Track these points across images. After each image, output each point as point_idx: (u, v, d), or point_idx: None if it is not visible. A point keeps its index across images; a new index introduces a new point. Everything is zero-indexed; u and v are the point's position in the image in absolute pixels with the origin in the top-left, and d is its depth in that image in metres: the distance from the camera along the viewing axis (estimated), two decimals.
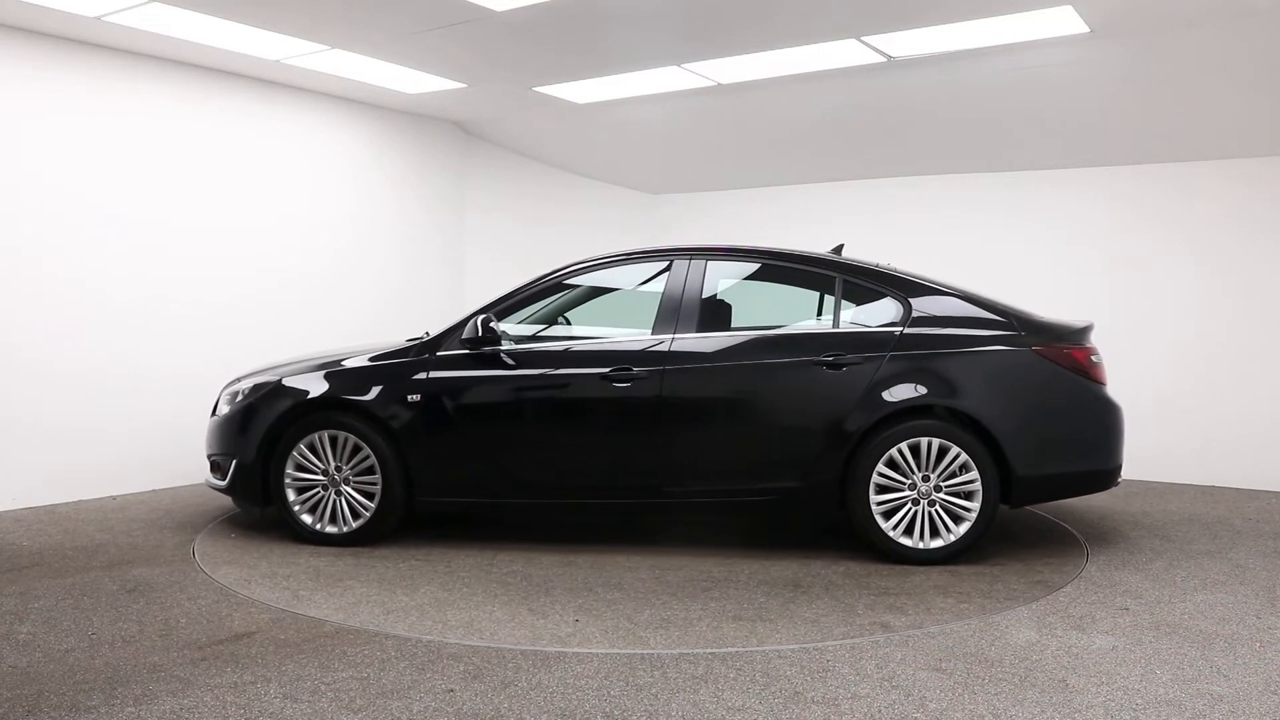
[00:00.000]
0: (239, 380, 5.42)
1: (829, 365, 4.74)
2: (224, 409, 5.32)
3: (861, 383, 4.71)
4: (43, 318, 5.85)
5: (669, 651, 3.50)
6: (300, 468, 5.06)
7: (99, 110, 6.07)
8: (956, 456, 4.64)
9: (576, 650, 3.51)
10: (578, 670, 3.31)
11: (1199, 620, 3.88)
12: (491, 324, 4.98)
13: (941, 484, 4.68)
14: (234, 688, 3.14)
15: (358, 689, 3.14)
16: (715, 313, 5.09)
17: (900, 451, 4.67)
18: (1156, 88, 6.11)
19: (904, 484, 4.68)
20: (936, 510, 4.68)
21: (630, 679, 3.23)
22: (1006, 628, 3.77)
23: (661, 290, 5.02)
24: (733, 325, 5.14)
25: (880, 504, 4.69)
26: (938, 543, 4.67)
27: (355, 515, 5.03)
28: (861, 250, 5.49)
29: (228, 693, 3.10)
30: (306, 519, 5.07)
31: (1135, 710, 3.00)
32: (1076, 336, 4.83)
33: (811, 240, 5.86)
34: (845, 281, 4.97)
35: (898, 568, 4.62)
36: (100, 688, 3.14)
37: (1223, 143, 6.77)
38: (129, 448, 6.27)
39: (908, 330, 4.78)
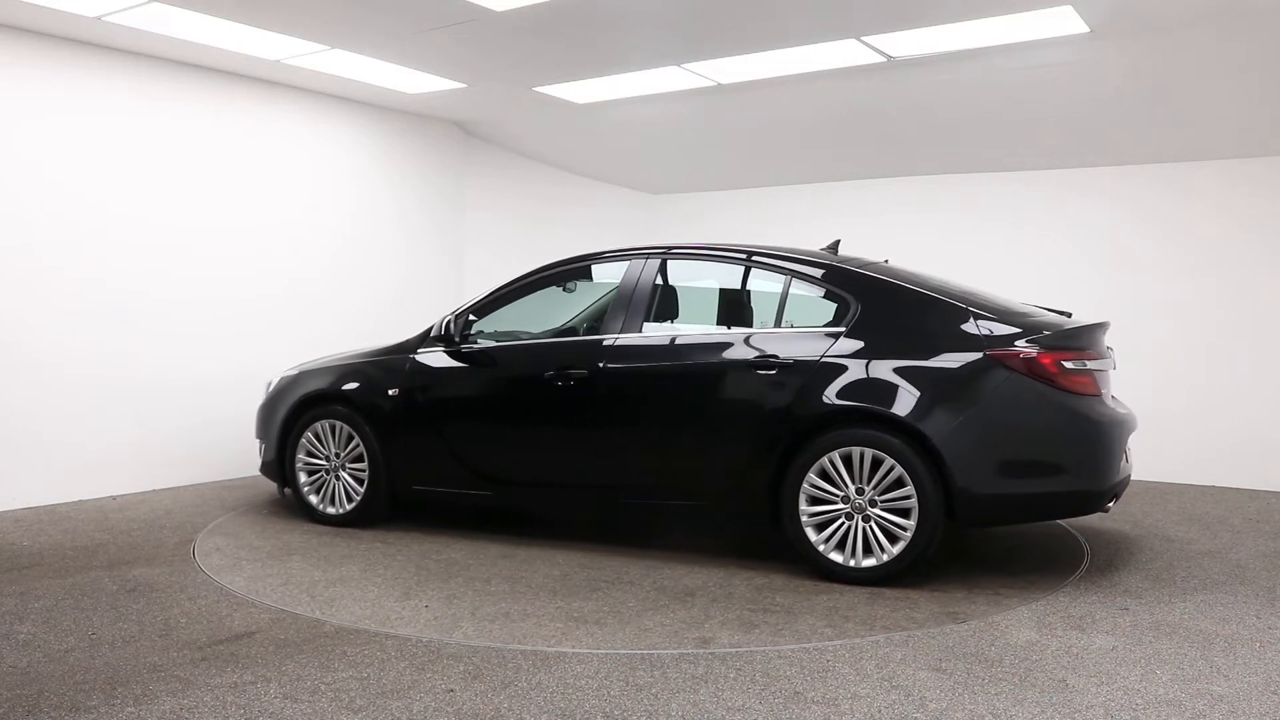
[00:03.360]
0: (281, 372, 6.00)
1: (760, 368, 4.50)
2: (263, 398, 5.94)
3: (792, 387, 4.42)
4: (42, 317, 5.85)
5: (669, 651, 3.50)
6: (309, 453, 5.58)
7: (99, 110, 6.07)
8: (891, 469, 4.23)
9: (576, 650, 3.51)
10: (578, 670, 3.32)
11: (1199, 620, 3.88)
12: (451, 324, 5.26)
13: (877, 498, 4.28)
14: (234, 688, 3.14)
15: (358, 689, 3.14)
16: (661, 313, 5.02)
17: (832, 461, 4.32)
18: (1156, 88, 6.11)
19: (836, 496, 4.34)
20: (871, 527, 4.30)
21: (630, 679, 3.24)
22: (1006, 628, 3.77)
23: (615, 291, 5.04)
24: (676, 326, 5.04)
25: (813, 516, 4.37)
26: (870, 561, 4.29)
27: (350, 499, 5.46)
28: (861, 250, 5.47)
29: (228, 693, 3.10)
30: (313, 499, 5.57)
31: (1135, 710, 3.00)
32: (1050, 340, 4.26)
33: (811, 240, 5.85)
34: (795, 279, 4.71)
35: (819, 586, 4.30)
36: (100, 688, 3.14)
37: (1222, 143, 6.77)
38: (129, 448, 6.27)
39: (850, 331, 4.44)
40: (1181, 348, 7.04)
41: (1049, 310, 4.88)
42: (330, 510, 5.50)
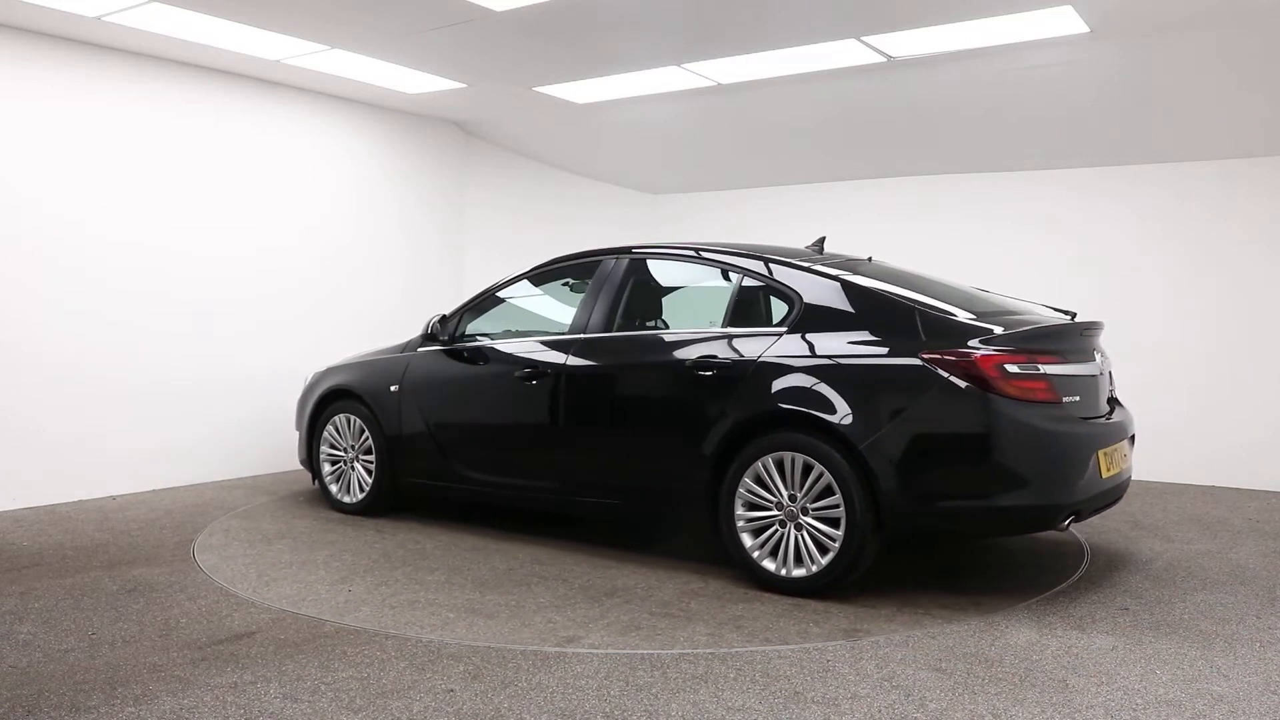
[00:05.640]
0: (315, 368, 6.35)
1: (701, 369, 4.42)
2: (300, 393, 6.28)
3: (730, 389, 4.32)
4: (43, 318, 5.85)
5: (669, 651, 3.50)
6: (331, 445, 5.91)
7: (99, 110, 6.06)
8: (820, 476, 4.06)
9: (576, 650, 3.51)
10: (578, 670, 3.32)
11: (1199, 620, 3.88)
12: (437, 325, 5.50)
13: (809, 506, 4.11)
14: (234, 688, 3.14)
15: (358, 689, 3.14)
16: (626, 313, 5.00)
17: (765, 466, 4.20)
18: (1156, 88, 6.11)
19: (770, 502, 4.21)
20: (803, 535, 4.14)
21: (630, 679, 3.24)
22: (1006, 628, 3.77)
23: (586, 291, 5.08)
24: (634, 326, 5.00)
25: (750, 522, 4.26)
26: (800, 572, 4.12)
27: (362, 489, 5.77)
28: (861, 250, 5.47)
29: (228, 693, 3.10)
30: (333, 488, 5.89)
31: (1135, 710, 3.00)
32: (998, 342, 3.96)
33: (809, 240, 5.84)
34: (747, 277, 4.60)
35: (749, 594, 4.18)
36: (100, 688, 3.14)
37: (1222, 143, 6.77)
38: (128, 448, 6.27)
39: (791, 330, 4.30)
40: (1181, 348, 7.04)
41: (1056, 310, 4.82)
42: (346, 499, 5.82)
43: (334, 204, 7.42)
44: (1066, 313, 4.75)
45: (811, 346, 4.23)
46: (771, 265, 4.58)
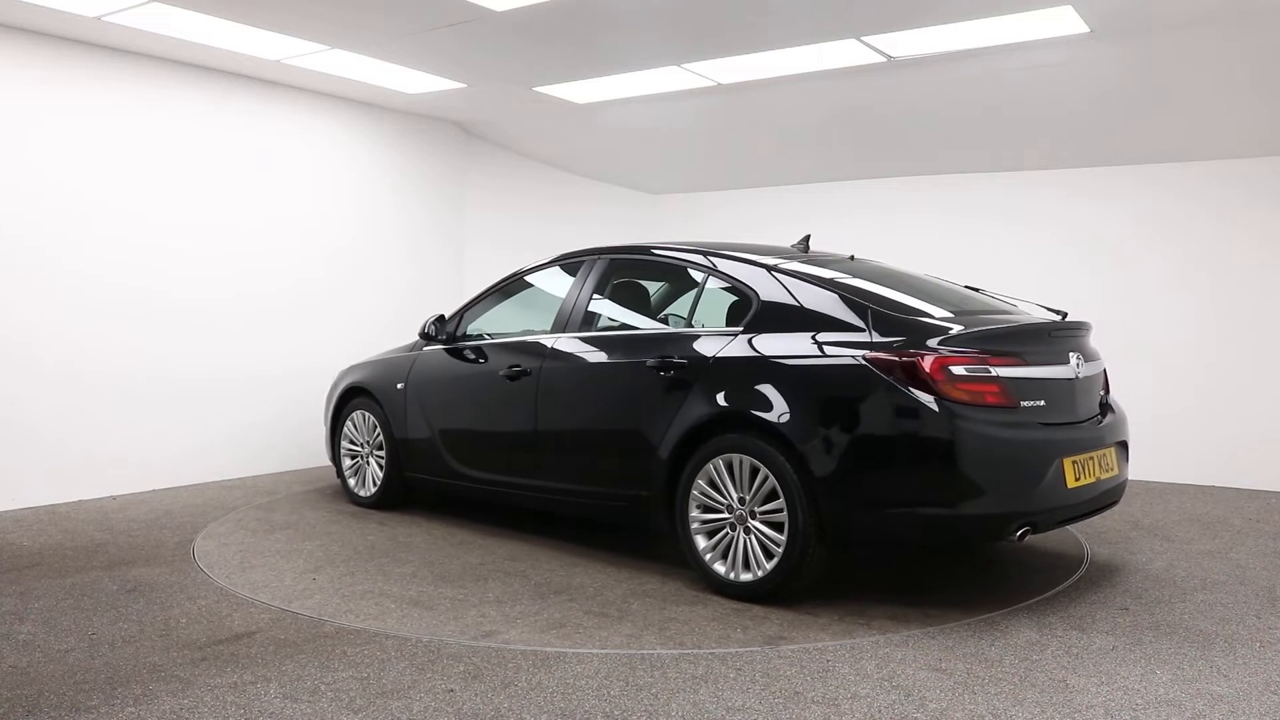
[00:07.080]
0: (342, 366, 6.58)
1: (662, 369, 4.38)
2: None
3: (686, 389, 4.28)
4: (42, 317, 5.85)
5: (669, 651, 3.50)
6: (350, 441, 6.11)
7: (99, 110, 6.06)
8: (766, 479, 3.99)
9: (576, 650, 3.51)
10: (578, 670, 3.32)
11: (1199, 620, 3.88)
12: (433, 326, 5.62)
13: (757, 509, 4.05)
14: (234, 688, 3.14)
15: (358, 689, 3.14)
16: (598, 313, 5.00)
17: (716, 468, 4.15)
18: (1156, 88, 6.11)
19: (722, 505, 4.16)
20: (751, 539, 4.07)
21: (630, 679, 3.24)
22: (1006, 628, 3.77)
23: (567, 291, 5.12)
24: (609, 326, 4.97)
25: (704, 523, 4.21)
26: (747, 576, 4.06)
27: (375, 484, 5.93)
28: (863, 250, 5.47)
29: (228, 693, 3.10)
30: (351, 482, 6.08)
31: (1135, 710, 3.00)
32: (951, 343, 3.84)
33: (812, 240, 5.84)
34: (713, 277, 4.58)
35: (697, 598, 4.13)
36: (100, 688, 3.14)
37: (1222, 143, 6.77)
38: (128, 448, 6.27)
39: (746, 330, 4.24)
40: (1181, 347, 7.03)
41: (1048, 310, 4.80)
42: (361, 493, 6.00)
43: (334, 204, 7.42)
44: (1058, 313, 4.64)
45: (763, 346, 4.16)
46: (734, 263, 4.53)
